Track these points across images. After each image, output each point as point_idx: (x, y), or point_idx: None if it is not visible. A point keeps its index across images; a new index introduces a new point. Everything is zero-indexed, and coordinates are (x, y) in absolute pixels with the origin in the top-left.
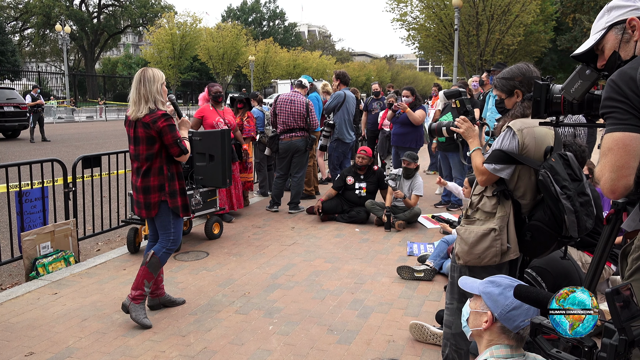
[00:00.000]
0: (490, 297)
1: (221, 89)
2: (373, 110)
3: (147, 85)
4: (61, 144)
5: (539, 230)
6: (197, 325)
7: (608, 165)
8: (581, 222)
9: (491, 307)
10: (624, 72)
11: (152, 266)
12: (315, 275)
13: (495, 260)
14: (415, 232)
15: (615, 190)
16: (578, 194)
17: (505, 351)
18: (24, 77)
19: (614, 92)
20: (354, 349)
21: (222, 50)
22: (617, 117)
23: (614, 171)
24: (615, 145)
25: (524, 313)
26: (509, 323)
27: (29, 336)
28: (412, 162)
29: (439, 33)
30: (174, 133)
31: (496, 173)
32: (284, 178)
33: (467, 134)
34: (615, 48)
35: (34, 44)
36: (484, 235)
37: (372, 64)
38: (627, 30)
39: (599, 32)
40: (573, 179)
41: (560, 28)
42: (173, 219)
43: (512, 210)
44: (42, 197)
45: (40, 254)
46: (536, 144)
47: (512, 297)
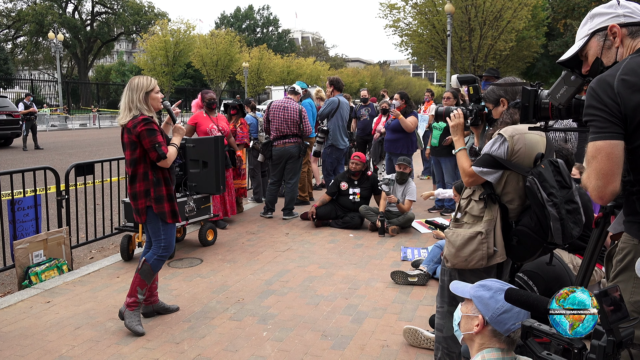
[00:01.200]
0: (481, 300)
1: (215, 96)
2: (362, 116)
3: (131, 93)
4: (54, 151)
5: (525, 236)
6: (191, 332)
7: (593, 174)
8: (566, 229)
9: (482, 310)
10: (602, 79)
11: (144, 273)
12: (310, 280)
13: (482, 264)
14: (409, 237)
15: (603, 196)
16: (565, 202)
17: (496, 354)
18: (17, 85)
19: (594, 100)
20: (348, 354)
21: (216, 57)
22: (598, 125)
23: (599, 179)
24: (598, 153)
25: (514, 316)
26: (499, 326)
27: (22, 345)
28: (407, 166)
29: (431, 39)
30: (153, 137)
31: (483, 176)
32: (277, 184)
33: (454, 129)
34: (598, 54)
35: (27, 51)
36: (470, 239)
37: (365, 70)
38: (609, 37)
39: (583, 38)
40: (562, 187)
41: (552, 33)
42: (162, 225)
43: (499, 214)
44: (34, 205)
45: (33, 263)
46: (527, 149)
47: (503, 300)
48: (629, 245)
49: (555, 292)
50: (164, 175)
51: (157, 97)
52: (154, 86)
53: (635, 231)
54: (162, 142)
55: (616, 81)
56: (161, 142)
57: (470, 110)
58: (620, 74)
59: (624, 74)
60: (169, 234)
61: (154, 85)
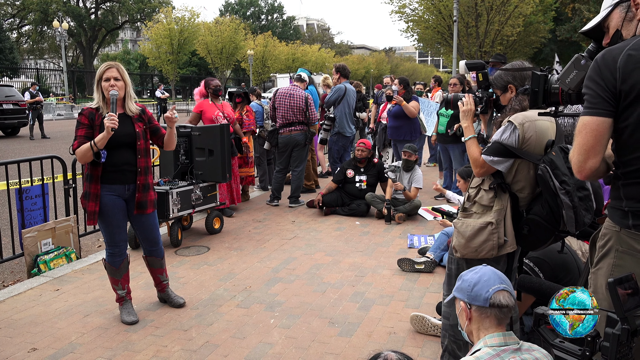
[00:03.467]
0: (458, 290)
1: (219, 83)
2: (383, 102)
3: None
4: (61, 140)
5: (536, 225)
6: (198, 320)
7: (577, 148)
8: (579, 217)
9: (460, 297)
10: (609, 52)
11: (107, 270)
12: (316, 268)
13: (492, 254)
14: (416, 225)
15: (582, 170)
16: (577, 189)
17: (498, 339)
18: (23, 74)
19: (594, 72)
20: (355, 341)
21: (221, 44)
22: (590, 100)
23: (581, 153)
24: (584, 128)
25: (485, 284)
26: (477, 300)
27: (32, 332)
28: (413, 153)
29: (437, 25)
30: (76, 130)
31: (493, 165)
32: (283, 172)
33: (464, 115)
34: (619, 26)
35: (32, 40)
36: (480, 229)
37: (371, 56)
38: (632, 8)
39: (607, 8)
40: (573, 173)
41: (560, 18)
42: (99, 221)
43: (509, 203)
44: (42, 194)
45: (41, 251)
46: (537, 137)
47: (470, 277)
48: (610, 231)
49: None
50: (95, 172)
51: (105, 85)
52: (101, 74)
53: (618, 217)
54: (80, 137)
55: (622, 55)
56: (79, 136)
57: (479, 98)
58: (629, 49)
59: (633, 48)
60: (107, 231)
61: (102, 72)
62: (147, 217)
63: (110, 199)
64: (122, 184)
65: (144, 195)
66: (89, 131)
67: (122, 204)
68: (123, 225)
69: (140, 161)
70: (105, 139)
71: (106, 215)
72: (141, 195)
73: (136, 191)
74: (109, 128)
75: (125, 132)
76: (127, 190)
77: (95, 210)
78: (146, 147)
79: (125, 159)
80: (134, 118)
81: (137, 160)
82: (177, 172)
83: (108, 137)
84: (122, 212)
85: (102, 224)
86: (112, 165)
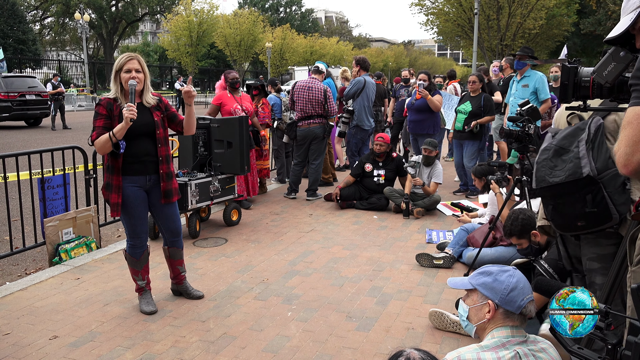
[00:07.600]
0: (486, 286)
1: (237, 76)
2: (401, 96)
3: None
4: (82, 131)
5: None
6: (216, 311)
7: (625, 139)
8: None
9: (490, 296)
10: None
11: (128, 261)
12: (334, 262)
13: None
14: (434, 220)
15: (629, 164)
16: None
17: (505, 332)
18: (45, 66)
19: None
20: (373, 336)
21: (239, 37)
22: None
23: (629, 145)
24: (634, 119)
25: (521, 292)
26: (511, 306)
27: (53, 320)
28: (433, 150)
29: (458, 17)
30: (94, 121)
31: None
32: (301, 165)
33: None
34: None
35: (54, 32)
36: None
37: (389, 50)
38: None
39: (634, 11)
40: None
41: (584, 11)
42: (121, 213)
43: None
44: (63, 184)
45: (62, 240)
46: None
47: (507, 280)
48: None
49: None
50: (116, 164)
51: (125, 76)
52: (121, 65)
53: None
54: (98, 128)
55: None
56: (97, 127)
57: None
58: None
59: None
60: (128, 224)
61: (122, 64)
62: (169, 207)
63: (132, 190)
64: (143, 175)
65: (168, 184)
66: (108, 122)
67: (143, 196)
68: (144, 217)
69: (161, 150)
70: (124, 130)
71: (128, 207)
72: (166, 184)
73: (160, 180)
74: (128, 118)
75: (144, 121)
76: (149, 181)
77: (118, 202)
78: (165, 135)
79: (145, 149)
80: (152, 107)
81: (157, 150)
82: (196, 164)
83: (127, 127)
84: (143, 204)
85: (124, 216)
86: (132, 156)
